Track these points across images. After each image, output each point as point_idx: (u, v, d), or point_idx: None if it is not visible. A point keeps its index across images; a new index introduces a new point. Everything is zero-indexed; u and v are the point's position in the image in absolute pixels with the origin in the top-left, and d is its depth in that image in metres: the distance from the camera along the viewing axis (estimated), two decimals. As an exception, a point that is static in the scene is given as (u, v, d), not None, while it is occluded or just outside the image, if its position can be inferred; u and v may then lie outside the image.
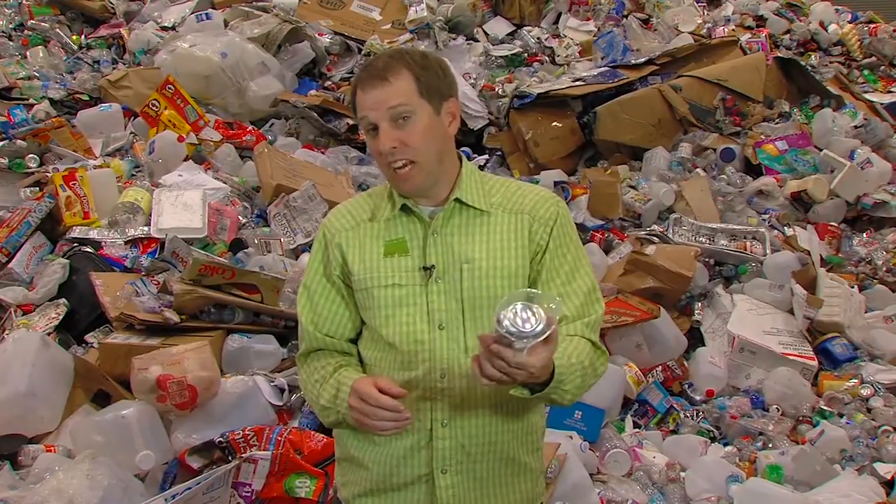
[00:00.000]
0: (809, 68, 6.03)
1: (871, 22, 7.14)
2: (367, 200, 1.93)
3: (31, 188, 4.33)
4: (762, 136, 5.35)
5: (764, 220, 4.65)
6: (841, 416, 3.49)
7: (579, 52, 6.33)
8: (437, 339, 1.81)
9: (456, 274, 1.81)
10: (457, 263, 1.81)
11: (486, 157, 5.37)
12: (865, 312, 4.09)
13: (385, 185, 1.92)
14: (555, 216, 1.86)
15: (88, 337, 3.54)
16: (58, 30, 6.39)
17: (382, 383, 1.73)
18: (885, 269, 4.43)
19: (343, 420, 1.83)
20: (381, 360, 1.85)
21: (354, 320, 1.91)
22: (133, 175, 4.69)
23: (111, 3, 6.73)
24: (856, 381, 3.64)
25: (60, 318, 3.57)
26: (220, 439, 2.76)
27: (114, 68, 5.95)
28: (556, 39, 6.46)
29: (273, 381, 3.15)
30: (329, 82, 5.87)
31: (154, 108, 5.04)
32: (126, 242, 3.99)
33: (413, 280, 1.82)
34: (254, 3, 6.33)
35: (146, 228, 4.05)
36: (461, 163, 1.89)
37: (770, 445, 3.34)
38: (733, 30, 6.57)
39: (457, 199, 1.84)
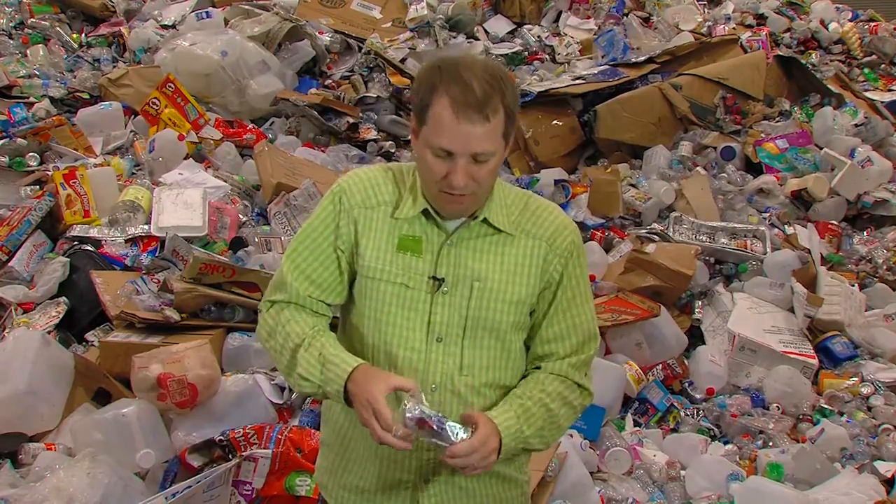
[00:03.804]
0: (810, 67, 6.04)
1: (871, 20, 7.14)
2: (391, 182, 1.82)
3: (32, 186, 4.33)
4: (762, 135, 5.35)
5: (764, 218, 4.66)
6: (841, 414, 3.49)
7: (579, 51, 6.33)
8: (433, 350, 1.78)
9: (465, 290, 1.77)
10: (467, 280, 1.78)
11: (487, 155, 5.36)
12: (866, 311, 4.10)
13: (409, 171, 1.84)
14: (571, 248, 1.83)
15: (89, 335, 3.54)
16: (58, 28, 6.39)
17: (396, 383, 1.67)
18: (885, 267, 4.43)
19: (323, 395, 1.77)
20: (370, 357, 1.80)
21: (342, 292, 1.85)
22: (133, 173, 4.69)
23: (111, 2, 6.72)
24: (856, 379, 3.64)
25: (61, 316, 3.57)
26: (221, 438, 2.76)
27: (114, 67, 5.95)
28: (557, 38, 6.46)
29: (273, 380, 3.15)
30: (329, 81, 5.86)
31: (154, 106, 5.03)
32: (126, 241, 3.99)
33: (421, 285, 1.78)
34: (254, 1, 6.33)
35: (146, 227, 4.06)
36: None
37: (770, 444, 3.34)
38: (733, 28, 6.57)
39: (484, 220, 1.78)
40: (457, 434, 1.65)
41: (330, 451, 1.95)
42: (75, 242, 3.97)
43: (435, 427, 1.63)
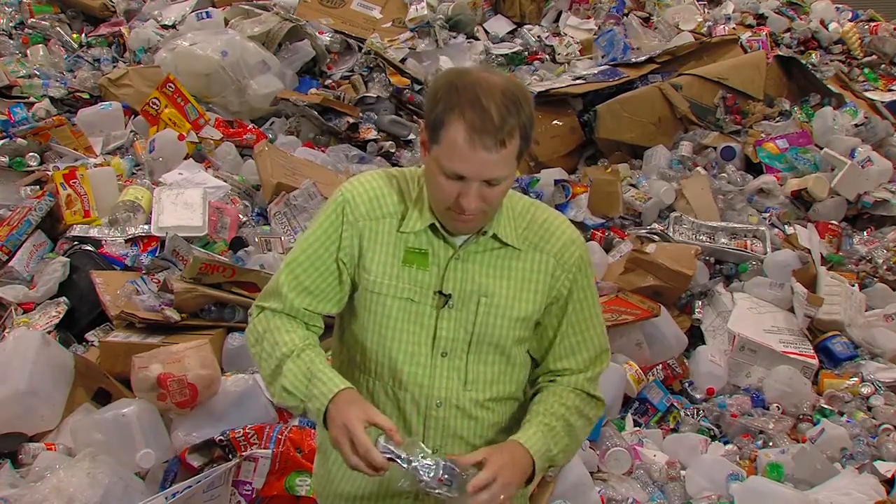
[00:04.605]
0: (810, 67, 6.04)
1: (871, 20, 7.14)
2: (396, 192, 1.78)
3: (32, 186, 4.33)
4: (762, 135, 5.35)
5: (764, 218, 4.66)
6: (841, 414, 3.49)
7: (580, 51, 6.34)
8: (438, 365, 1.76)
9: (472, 306, 1.75)
10: (474, 295, 1.75)
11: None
12: (866, 311, 4.10)
13: (414, 177, 1.80)
14: (579, 263, 1.81)
15: (89, 335, 3.54)
16: (58, 28, 6.38)
17: (377, 419, 1.63)
18: (885, 267, 4.43)
19: (303, 411, 1.72)
20: (377, 374, 1.79)
21: (340, 302, 1.81)
22: (133, 173, 4.69)
23: (111, 2, 6.72)
24: (856, 379, 3.64)
25: (61, 316, 3.57)
26: (221, 438, 2.76)
27: (114, 66, 5.95)
28: (557, 38, 6.46)
29: (273, 380, 3.14)
30: (329, 80, 5.86)
31: (154, 106, 5.03)
32: (126, 241, 3.99)
33: (426, 299, 1.75)
34: (254, 1, 6.33)
35: (146, 227, 4.05)
36: None
37: (770, 444, 3.34)
38: (734, 28, 6.58)
39: (494, 236, 1.76)
40: (430, 473, 1.61)
41: (326, 459, 1.92)
42: (75, 242, 3.97)
43: (405, 467, 1.60)
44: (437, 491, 1.62)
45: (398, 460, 1.60)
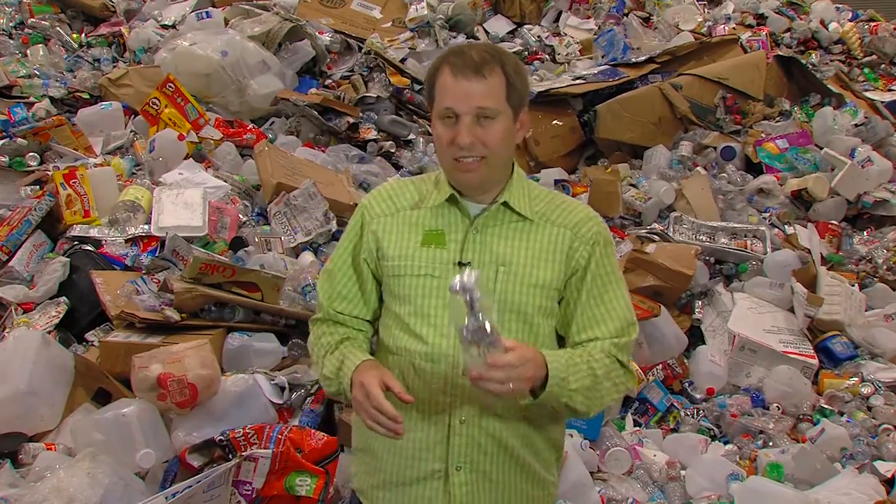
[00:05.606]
0: (810, 67, 6.05)
1: (871, 20, 7.16)
2: (412, 188, 1.95)
3: (32, 186, 4.32)
4: (762, 135, 5.36)
5: (764, 218, 4.66)
6: (841, 414, 3.49)
7: (580, 51, 6.34)
8: None
9: (491, 274, 1.83)
10: (493, 265, 1.83)
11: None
12: (866, 311, 4.10)
13: (430, 176, 1.95)
14: (596, 237, 1.88)
15: (89, 335, 3.54)
16: (58, 28, 6.38)
17: (389, 381, 1.75)
18: (885, 267, 4.44)
19: (343, 392, 1.87)
20: (405, 350, 1.87)
21: (369, 305, 1.96)
22: (133, 173, 4.68)
23: (111, 2, 6.72)
24: (856, 379, 3.65)
25: (61, 316, 3.56)
26: (221, 437, 2.75)
27: (114, 66, 5.94)
28: (557, 38, 6.47)
29: (273, 380, 3.15)
30: (329, 80, 5.86)
31: (154, 106, 5.03)
32: (126, 241, 3.98)
33: (447, 273, 1.83)
34: (254, 1, 6.33)
35: (146, 227, 4.04)
36: (513, 168, 1.92)
37: (770, 444, 3.35)
38: (734, 28, 6.59)
39: (504, 203, 1.86)
40: (480, 338, 1.62)
41: (364, 455, 2.01)
42: (75, 242, 3.96)
43: (469, 316, 1.61)
44: (469, 351, 1.65)
45: (469, 305, 1.61)
